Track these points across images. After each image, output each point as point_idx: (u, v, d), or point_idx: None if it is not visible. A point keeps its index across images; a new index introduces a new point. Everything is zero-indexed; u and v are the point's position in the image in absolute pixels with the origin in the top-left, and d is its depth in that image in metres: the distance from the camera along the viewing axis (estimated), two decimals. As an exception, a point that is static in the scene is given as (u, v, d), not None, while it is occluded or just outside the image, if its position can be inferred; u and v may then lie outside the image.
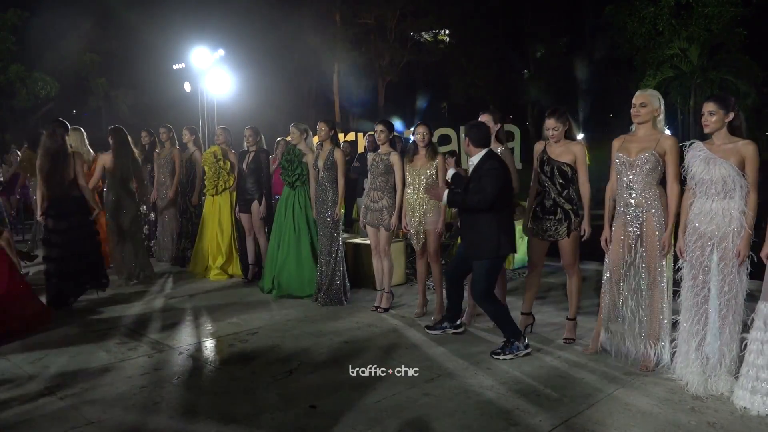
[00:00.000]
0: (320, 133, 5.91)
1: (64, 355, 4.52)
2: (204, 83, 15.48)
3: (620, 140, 4.14)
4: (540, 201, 4.61)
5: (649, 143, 3.97)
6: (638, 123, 4.05)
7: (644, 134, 4.02)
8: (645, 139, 4.00)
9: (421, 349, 4.59)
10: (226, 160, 7.22)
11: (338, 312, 5.69)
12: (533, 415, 3.44)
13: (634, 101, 4.04)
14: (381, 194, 5.52)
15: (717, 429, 3.26)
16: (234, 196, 7.24)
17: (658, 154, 3.94)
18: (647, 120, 4.01)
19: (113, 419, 3.44)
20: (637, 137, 4.05)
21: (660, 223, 3.97)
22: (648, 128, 4.02)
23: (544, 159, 4.58)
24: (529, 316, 4.92)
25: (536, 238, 4.66)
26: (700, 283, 3.71)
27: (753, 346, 3.43)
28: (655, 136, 3.99)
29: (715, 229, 3.64)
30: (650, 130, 4.02)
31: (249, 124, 7.02)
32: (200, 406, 3.61)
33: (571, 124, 4.59)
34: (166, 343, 4.82)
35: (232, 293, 6.52)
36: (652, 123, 4.02)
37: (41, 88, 18.76)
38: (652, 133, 4.01)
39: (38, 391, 3.85)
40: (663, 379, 3.91)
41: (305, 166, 6.22)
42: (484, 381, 3.93)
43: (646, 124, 4.02)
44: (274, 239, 6.42)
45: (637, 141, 4.04)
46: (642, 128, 4.04)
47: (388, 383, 3.89)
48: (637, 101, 4.02)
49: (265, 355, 4.50)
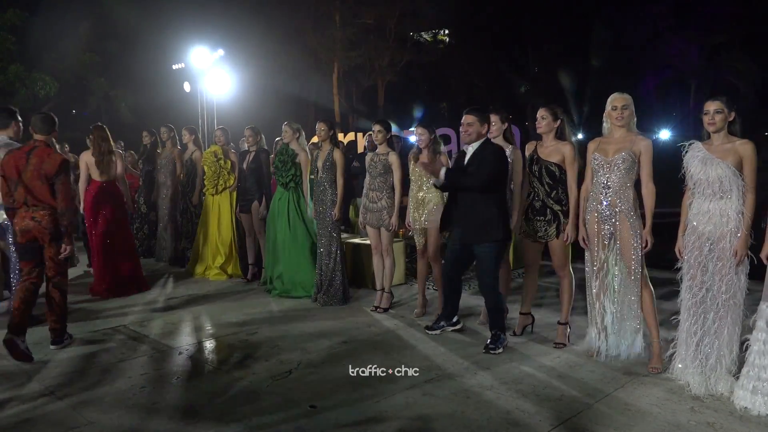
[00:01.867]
0: (320, 133, 5.90)
1: (64, 355, 4.52)
2: (203, 83, 15.48)
3: (596, 142, 4.22)
4: (530, 202, 4.62)
5: (625, 144, 4.06)
6: (620, 125, 4.10)
7: (621, 136, 4.10)
8: (621, 141, 4.09)
9: (421, 349, 4.59)
10: (227, 159, 7.22)
11: (338, 312, 5.69)
12: (533, 415, 3.44)
13: (616, 104, 4.09)
14: (380, 194, 5.52)
15: (716, 429, 3.26)
16: (234, 196, 7.25)
17: (634, 154, 4.02)
18: (629, 122, 4.09)
19: (113, 419, 3.44)
20: (614, 139, 4.13)
21: (632, 223, 4.04)
22: (624, 130, 4.10)
23: (534, 158, 4.58)
24: (528, 316, 4.93)
25: (528, 239, 4.66)
26: (698, 283, 3.72)
27: (755, 346, 3.43)
28: (630, 138, 4.08)
29: (713, 229, 3.66)
30: (626, 131, 4.10)
31: (249, 124, 7.02)
32: (200, 406, 3.61)
33: (563, 124, 4.55)
34: (165, 343, 4.82)
35: (232, 293, 6.52)
36: (629, 125, 4.10)
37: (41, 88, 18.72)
38: (628, 134, 4.09)
39: (38, 391, 3.84)
40: (662, 379, 3.91)
41: (299, 167, 6.23)
42: (483, 381, 3.93)
43: (624, 127, 4.10)
44: (269, 239, 6.42)
45: (614, 142, 4.11)
46: (618, 130, 4.11)
47: (388, 383, 3.89)
48: (619, 104, 4.08)
49: (265, 355, 4.50)
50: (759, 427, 3.27)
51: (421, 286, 5.55)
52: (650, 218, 4.04)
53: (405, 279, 6.81)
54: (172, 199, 8.01)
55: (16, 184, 4.48)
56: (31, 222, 4.45)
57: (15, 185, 4.49)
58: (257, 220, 6.82)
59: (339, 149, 5.95)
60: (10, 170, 4.50)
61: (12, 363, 4.34)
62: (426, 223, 5.28)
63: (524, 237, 4.68)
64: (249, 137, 6.82)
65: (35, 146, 4.56)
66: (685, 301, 3.79)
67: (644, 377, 3.95)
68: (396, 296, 5.95)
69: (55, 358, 4.47)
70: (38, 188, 4.46)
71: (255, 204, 6.78)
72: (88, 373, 4.16)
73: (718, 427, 3.27)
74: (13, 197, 4.51)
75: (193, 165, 7.68)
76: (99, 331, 5.12)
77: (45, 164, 4.47)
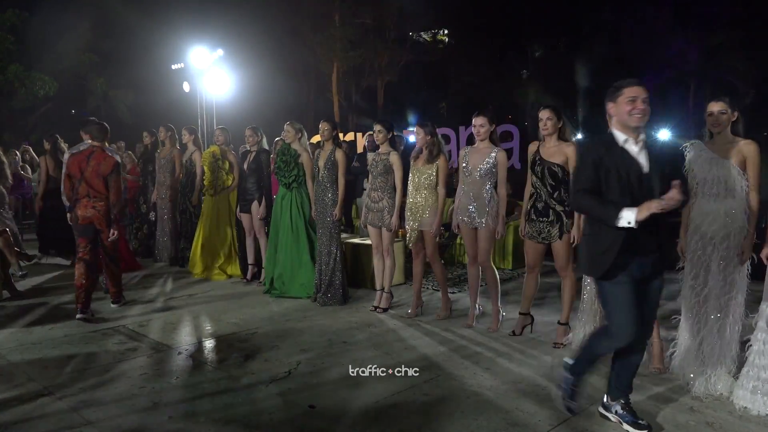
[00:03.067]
0: (323, 132, 5.90)
1: (64, 355, 4.52)
2: (203, 83, 15.46)
3: None
4: (533, 203, 4.62)
5: None
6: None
7: None
8: None
9: (421, 349, 4.59)
10: (225, 160, 7.21)
11: (337, 312, 5.69)
12: (533, 415, 3.44)
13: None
14: (381, 194, 5.52)
15: (716, 429, 3.26)
16: (233, 197, 7.24)
17: None
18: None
19: (112, 420, 3.44)
20: None
21: None
22: None
23: (536, 159, 4.58)
24: (527, 317, 4.93)
25: (531, 240, 4.66)
26: (701, 282, 3.72)
27: (755, 346, 3.43)
28: None
29: (718, 229, 3.65)
30: None
31: (248, 124, 6.98)
32: (200, 406, 3.61)
33: (565, 124, 4.56)
34: (165, 343, 4.82)
35: (232, 293, 6.52)
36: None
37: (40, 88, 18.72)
38: None
39: (37, 391, 3.84)
40: (662, 379, 3.91)
41: (301, 167, 6.22)
42: (483, 381, 3.93)
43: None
44: (271, 240, 6.42)
45: None
46: None
47: (388, 383, 3.89)
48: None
49: (265, 355, 4.50)
50: (759, 426, 3.27)
51: (416, 287, 5.54)
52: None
53: (404, 279, 6.81)
54: (171, 199, 8.00)
55: (80, 180, 5.56)
56: (92, 210, 5.54)
57: (79, 182, 5.57)
58: (257, 221, 6.81)
59: (341, 149, 5.92)
60: (75, 170, 5.60)
61: (11, 363, 4.34)
62: (420, 225, 5.27)
63: (528, 238, 4.68)
64: (249, 137, 6.80)
65: (93, 150, 5.63)
66: (687, 300, 3.80)
67: (644, 377, 3.94)
68: (395, 296, 5.95)
69: (55, 358, 4.47)
70: (96, 184, 5.54)
71: (255, 204, 6.78)
72: (87, 373, 4.16)
73: (718, 427, 3.28)
74: (77, 191, 5.56)
75: (193, 165, 7.67)
76: (99, 331, 5.12)
77: (102, 165, 5.55)
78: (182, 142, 8.01)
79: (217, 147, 7.23)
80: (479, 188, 4.88)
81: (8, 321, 5.46)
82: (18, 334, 5.08)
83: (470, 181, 4.93)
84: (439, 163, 5.21)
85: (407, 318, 5.42)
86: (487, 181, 4.87)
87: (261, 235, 6.84)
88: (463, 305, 5.61)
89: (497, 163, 4.85)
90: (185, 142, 7.90)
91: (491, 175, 4.86)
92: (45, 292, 6.56)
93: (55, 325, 5.28)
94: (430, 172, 5.20)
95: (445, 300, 5.44)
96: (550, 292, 6.11)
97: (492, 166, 4.84)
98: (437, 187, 5.20)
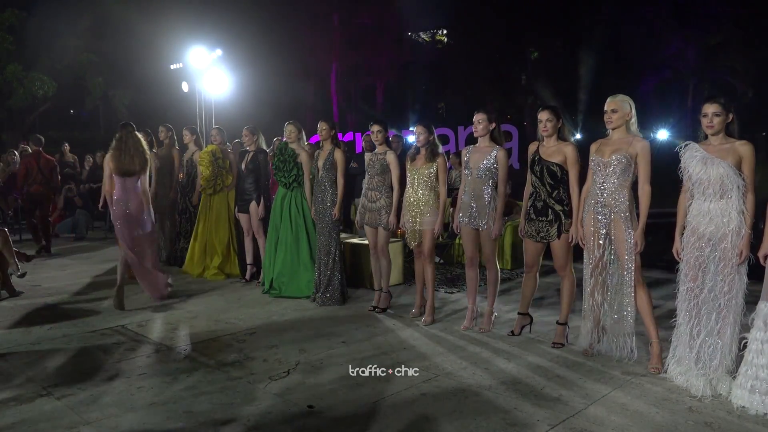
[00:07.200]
0: (321, 132, 5.89)
1: (63, 356, 4.52)
2: (202, 83, 15.44)
3: (597, 144, 4.30)
4: (532, 202, 4.64)
5: (621, 145, 4.12)
6: (612, 128, 4.19)
7: (618, 137, 4.18)
8: (618, 142, 4.16)
9: (421, 349, 4.59)
10: (225, 159, 7.21)
11: (336, 312, 5.69)
12: (532, 415, 3.44)
13: (606, 108, 4.18)
14: (378, 194, 5.52)
15: (714, 429, 3.27)
16: (231, 196, 7.24)
17: (630, 156, 4.07)
18: (620, 125, 4.15)
19: (111, 419, 3.44)
20: (612, 140, 4.21)
21: (627, 224, 4.09)
22: (622, 132, 4.17)
23: (536, 159, 4.60)
24: (526, 317, 4.94)
25: (530, 239, 4.67)
26: (699, 284, 3.73)
27: (753, 345, 3.44)
28: (627, 139, 4.13)
29: (715, 229, 3.66)
30: (624, 133, 4.17)
31: (247, 125, 7.00)
32: (199, 406, 3.61)
33: (564, 125, 4.60)
34: (164, 343, 4.82)
35: (230, 293, 6.52)
36: (626, 127, 4.16)
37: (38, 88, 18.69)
38: (626, 136, 4.16)
39: (36, 391, 3.84)
40: (661, 379, 3.92)
41: (300, 167, 6.22)
42: (482, 381, 3.94)
43: (619, 129, 4.17)
44: (271, 240, 6.42)
45: (611, 144, 4.19)
46: (616, 132, 4.19)
47: (388, 383, 3.90)
48: (609, 107, 4.16)
49: (264, 355, 4.50)
50: (757, 425, 3.28)
51: (419, 286, 5.54)
52: (644, 220, 4.07)
53: (403, 279, 6.81)
54: (171, 199, 8.00)
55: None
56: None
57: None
58: (255, 221, 6.81)
59: (340, 149, 5.91)
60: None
61: (10, 363, 4.34)
62: (420, 225, 5.27)
63: (526, 237, 4.69)
64: (247, 137, 6.81)
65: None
66: (683, 302, 3.81)
67: (642, 377, 3.95)
68: (394, 296, 5.95)
69: (54, 358, 4.47)
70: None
71: (253, 204, 6.78)
72: (87, 373, 4.16)
73: (716, 427, 3.28)
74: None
75: (194, 165, 7.67)
76: (98, 331, 5.12)
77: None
78: (183, 142, 8.00)
79: (215, 146, 7.23)
80: (480, 187, 4.89)
81: (7, 321, 5.46)
82: (17, 334, 5.08)
83: (471, 181, 4.94)
84: (438, 162, 5.21)
85: (410, 318, 5.42)
86: (487, 180, 4.87)
87: (260, 235, 6.84)
88: (463, 305, 5.61)
89: (497, 162, 4.85)
90: (186, 143, 7.90)
91: (492, 173, 4.87)
92: (44, 292, 6.56)
93: (54, 325, 5.29)
94: (429, 172, 5.20)
95: (431, 304, 5.33)
96: (549, 292, 6.12)
97: (492, 165, 4.84)
98: (437, 187, 5.20)
